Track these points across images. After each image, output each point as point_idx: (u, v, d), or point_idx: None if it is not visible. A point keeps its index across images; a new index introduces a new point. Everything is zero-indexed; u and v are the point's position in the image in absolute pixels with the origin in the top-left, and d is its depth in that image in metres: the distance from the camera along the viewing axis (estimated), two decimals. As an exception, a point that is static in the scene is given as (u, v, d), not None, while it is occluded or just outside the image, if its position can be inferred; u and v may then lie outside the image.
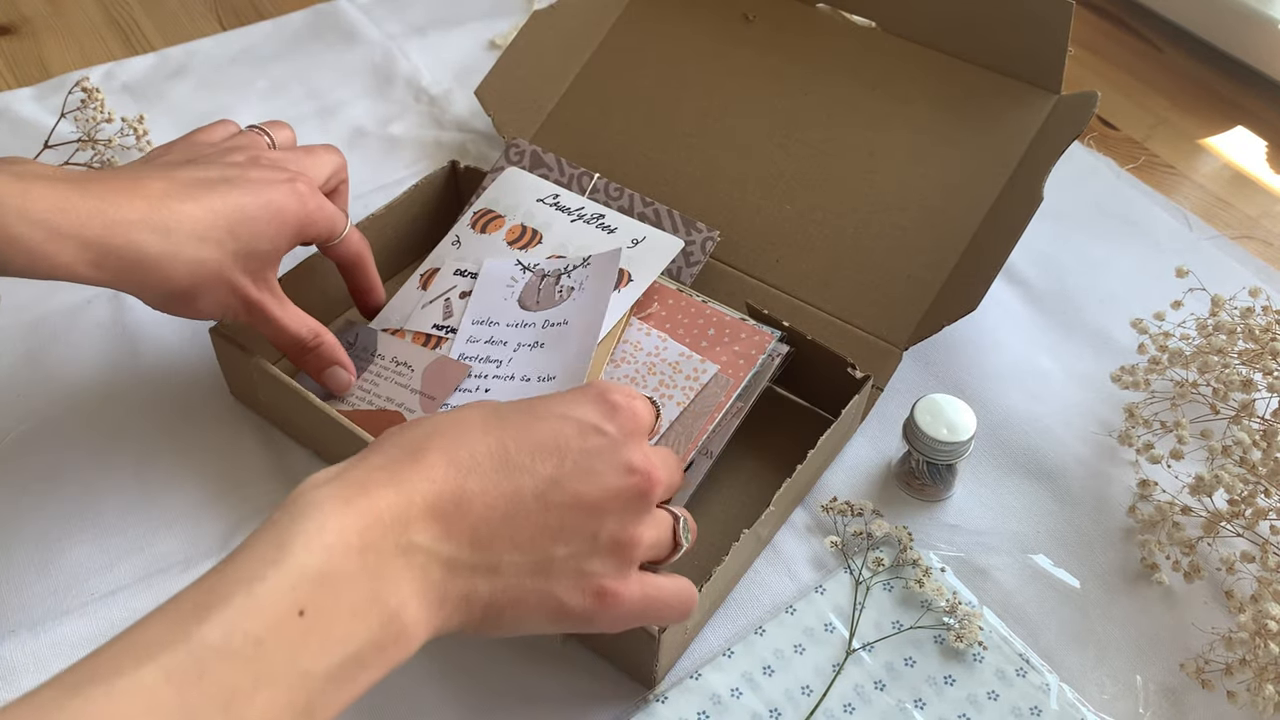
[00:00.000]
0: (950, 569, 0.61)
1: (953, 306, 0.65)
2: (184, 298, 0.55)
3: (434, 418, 0.44)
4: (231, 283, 0.56)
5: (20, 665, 0.55)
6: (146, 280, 0.53)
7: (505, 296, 0.66)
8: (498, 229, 0.71)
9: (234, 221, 0.55)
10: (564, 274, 0.66)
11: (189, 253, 0.54)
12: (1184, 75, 1.00)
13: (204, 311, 0.57)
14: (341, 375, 0.64)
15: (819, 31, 0.81)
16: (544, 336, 0.64)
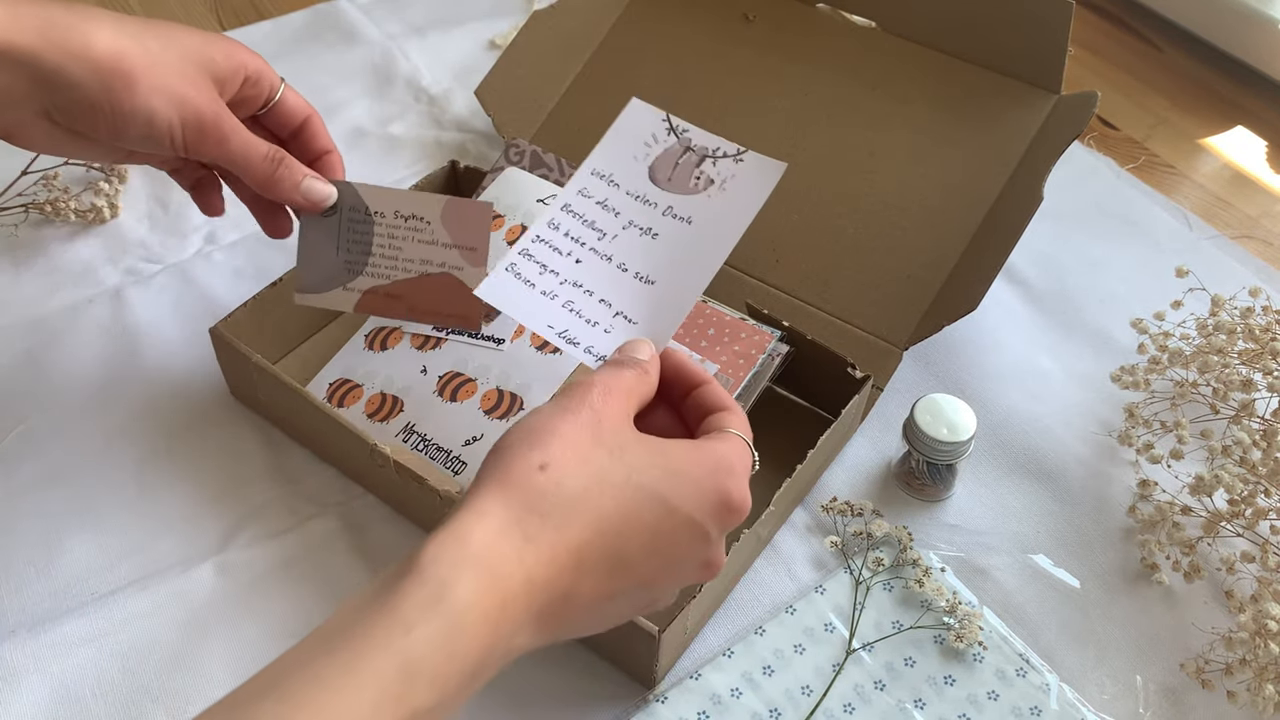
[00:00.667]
0: (950, 569, 0.61)
1: (953, 306, 0.65)
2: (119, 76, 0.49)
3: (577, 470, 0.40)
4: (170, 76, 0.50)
5: (20, 665, 0.55)
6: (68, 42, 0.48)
7: (637, 155, 0.55)
8: (497, 229, 0.71)
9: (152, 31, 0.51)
10: (710, 158, 0.55)
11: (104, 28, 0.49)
12: (1184, 75, 1.00)
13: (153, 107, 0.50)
14: (319, 185, 0.58)
15: (819, 31, 0.81)
16: (662, 226, 0.53)
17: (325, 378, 0.67)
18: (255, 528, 0.62)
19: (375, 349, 0.67)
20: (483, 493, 0.39)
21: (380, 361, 0.66)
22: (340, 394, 0.66)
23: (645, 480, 0.41)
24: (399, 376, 0.65)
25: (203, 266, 0.77)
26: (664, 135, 0.56)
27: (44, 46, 0.47)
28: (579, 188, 0.54)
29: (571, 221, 0.53)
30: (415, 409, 0.63)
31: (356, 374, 0.66)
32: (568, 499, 0.40)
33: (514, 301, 0.51)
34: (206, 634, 0.57)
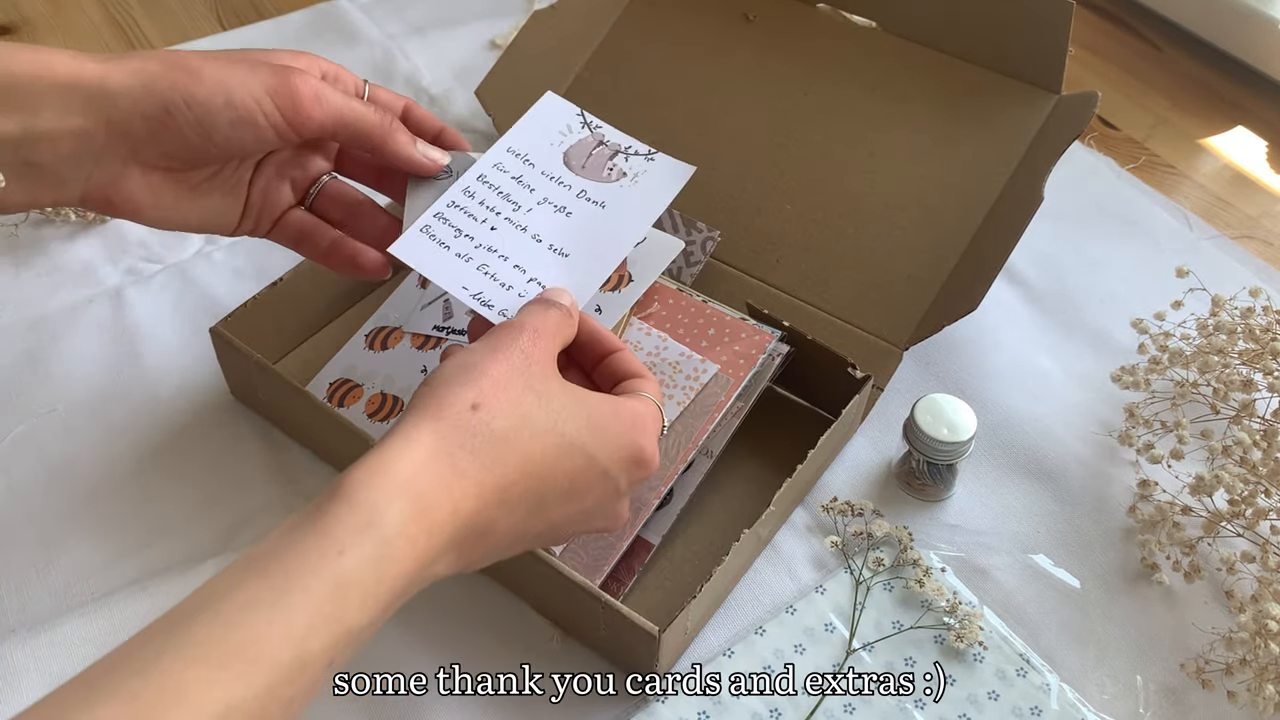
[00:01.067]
0: (950, 569, 0.61)
1: (953, 306, 0.65)
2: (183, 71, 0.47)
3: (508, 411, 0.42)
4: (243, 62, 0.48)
5: (20, 665, 0.55)
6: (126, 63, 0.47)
7: (553, 142, 0.58)
8: None
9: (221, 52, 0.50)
10: (622, 153, 0.58)
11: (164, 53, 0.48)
12: (1184, 75, 1.00)
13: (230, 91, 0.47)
14: (434, 150, 0.55)
15: (819, 31, 0.81)
16: (575, 206, 0.56)
17: (325, 377, 0.67)
18: (255, 528, 0.62)
19: (375, 349, 0.67)
20: (414, 423, 0.41)
21: (380, 361, 0.66)
22: (340, 394, 0.66)
23: (569, 430, 0.44)
24: (399, 376, 0.65)
25: (203, 266, 0.77)
26: (578, 128, 0.58)
27: (107, 70, 0.46)
28: (495, 162, 0.56)
29: (487, 192, 0.55)
30: None
31: (357, 374, 0.66)
32: (497, 438, 0.42)
33: (428, 261, 0.53)
34: (206, 634, 0.57)
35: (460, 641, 0.58)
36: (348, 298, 0.73)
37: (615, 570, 0.58)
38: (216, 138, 0.48)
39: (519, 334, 0.45)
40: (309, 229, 0.56)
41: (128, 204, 0.49)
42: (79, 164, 0.47)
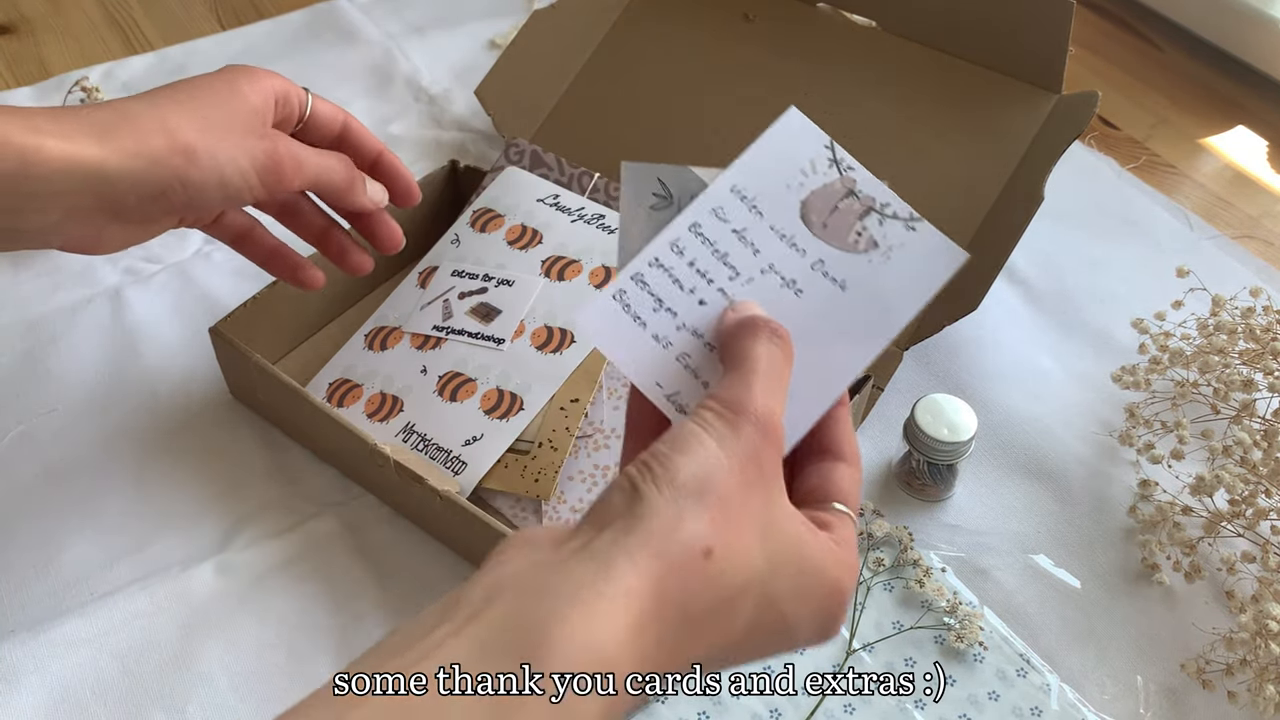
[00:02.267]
0: (950, 569, 0.61)
1: (953, 306, 0.65)
2: (180, 154, 0.48)
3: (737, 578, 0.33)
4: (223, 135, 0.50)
5: (20, 665, 0.55)
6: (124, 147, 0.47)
7: (790, 184, 0.43)
8: (498, 228, 0.71)
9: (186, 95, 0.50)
10: (877, 212, 0.42)
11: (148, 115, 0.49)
12: (1184, 75, 1.00)
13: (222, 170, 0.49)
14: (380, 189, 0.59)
15: (819, 31, 0.81)
16: (808, 283, 0.42)
17: (325, 377, 0.67)
18: (255, 528, 0.62)
19: (375, 349, 0.67)
20: (636, 559, 0.32)
21: (380, 361, 0.66)
22: (340, 394, 0.66)
23: (778, 586, 0.35)
24: (399, 376, 0.65)
25: (202, 266, 0.77)
26: (824, 166, 0.43)
27: (106, 154, 0.47)
28: (714, 205, 0.42)
29: (700, 248, 0.42)
30: (415, 409, 0.63)
31: (356, 374, 0.66)
32: (712, 605, 0.33)
33: (618, 341, 0.40)
34: (206, 634, 0.57)
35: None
36: (347, 298, 0.73)
37: (615, 570, 0.58)
38: (202, 206, 0.51)
39: (754, 430, 0.35)
40: (245, 230, 0.58)
41: (98, 248, 0.51)
42: (62, 227, 0.48)
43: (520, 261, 0.69)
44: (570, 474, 0.60)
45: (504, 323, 0.66)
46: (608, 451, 0.60)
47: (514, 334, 0.65)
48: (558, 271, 0.68)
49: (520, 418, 0.61)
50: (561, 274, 0.68)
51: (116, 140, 0.47)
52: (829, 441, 0.40)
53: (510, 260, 0.69)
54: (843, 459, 0.39)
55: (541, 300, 0.66)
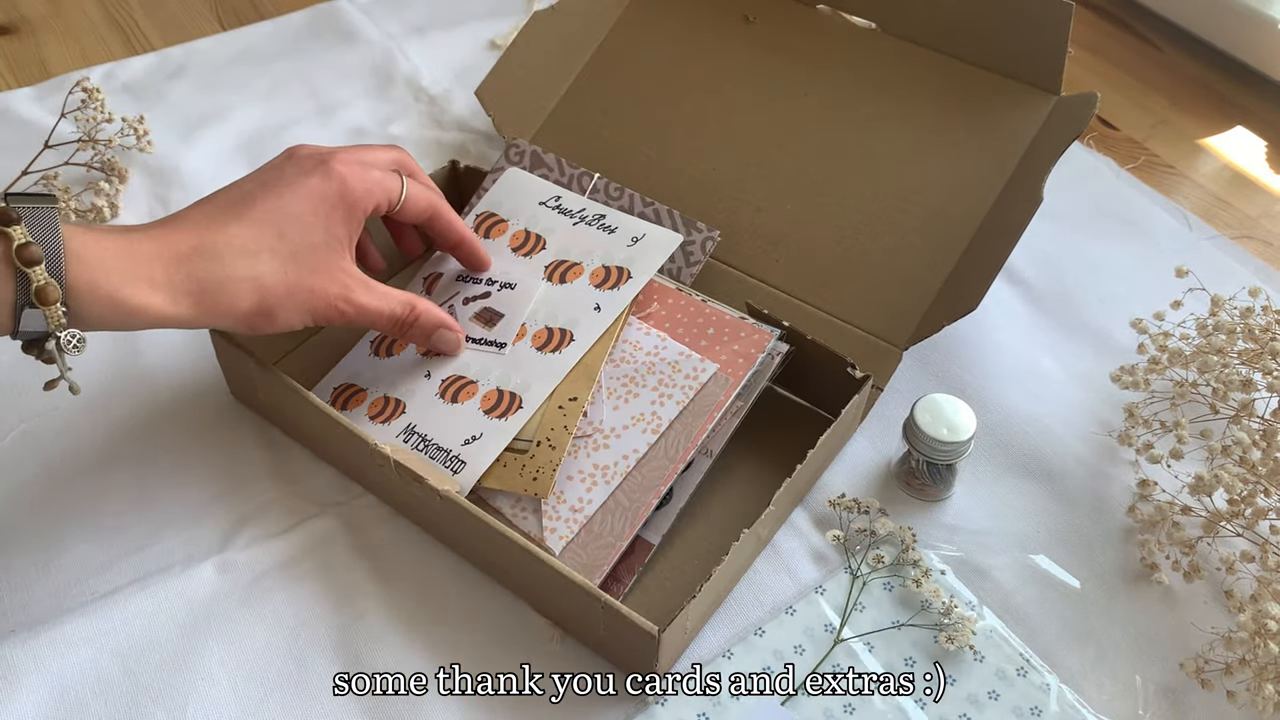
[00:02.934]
0: (951, 570, 0.61)
1: (953, 306, 0.65)
2: (261, 315, 0.55)
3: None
4: (306, 285, 0.55)
5: (20, 664, 0.55)
6: (217, 308, 0.53)
7: None
8: (501, 234, 0.71)
9: (279, 224, 0.55)
10: None
11: (243, 270, 0.53)
12: (1184, 75, 1.00)
13: (290, 322, 0.56)
14: (449, 336, 0.63)
15: (819, 32, 0.81)
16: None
17: (330, 383, 0.67)
18: (255, 528, 0.62)
19: (380, 355, 0.67)
20: None
21: (385, 367, 0.66)
22: (344, 398, 0.66)
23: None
24: (403, 381, 0.65)
25: (203, 266, 0.77)
26: None
27: (201, 316, 0.53)
28: None
29: None
30: (417, 411, 0.63)
31: (361, 379, 0.66)
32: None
33: None
34: (207, 634, 0.57)
35: (460, 641, 0.58)
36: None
37: (615, 570, 0.58)
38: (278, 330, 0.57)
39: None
40: None
41: None
42: None
43: (524, 268, 0.69)
44: (569, 473, 0.60)
45: (506, 326, 0.66)
46: (607, 451, 0.60)
47: (515, 337, 0.65)
48: (559, 275, 0.68)
49: (519, 416, 0.61)
50: (563, 277, 0.68)
51: (208, 303, 0.53)
52: None
53: (514, 267, 0.69)
54: None
55: (543, 302, 0.66)
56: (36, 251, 0.48)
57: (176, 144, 0.87)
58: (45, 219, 0.49)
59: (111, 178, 0.82)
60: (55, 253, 0.48)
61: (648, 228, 0.69)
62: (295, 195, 0.56)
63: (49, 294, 0.48)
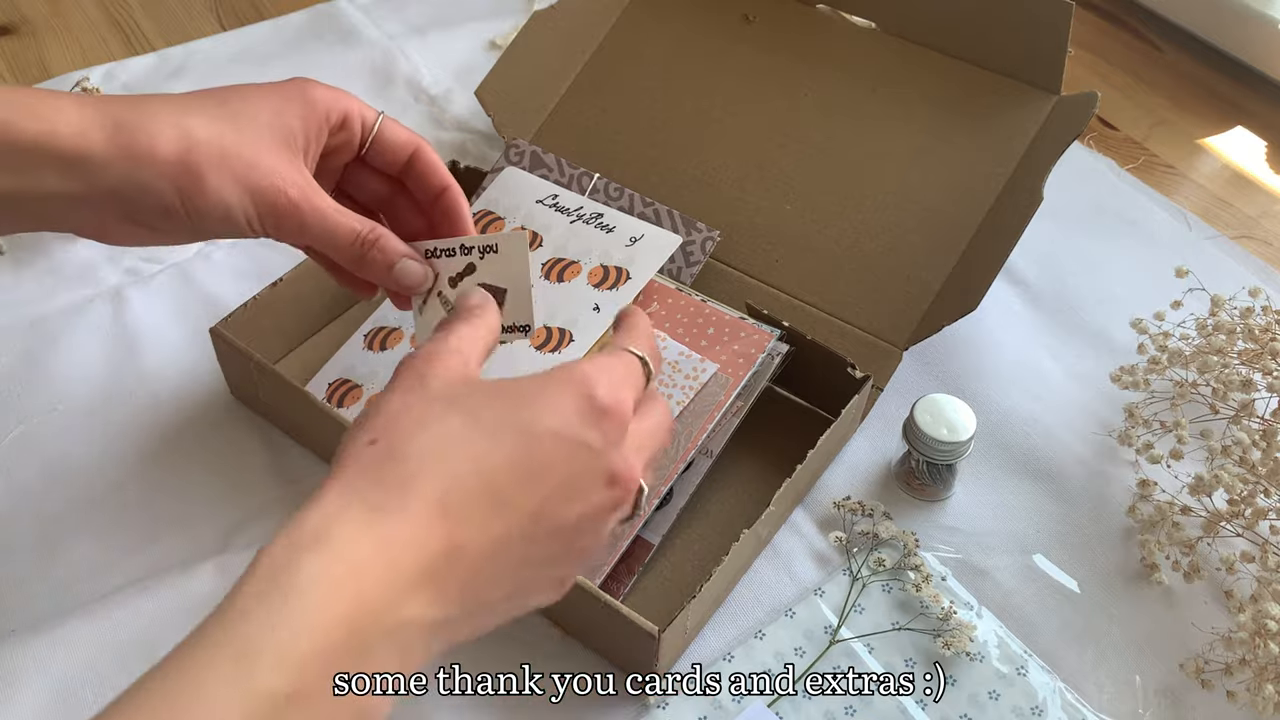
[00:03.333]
0: (950, 571, 0.61)
1: (953, 306, 0.65)
2: (187, 174, 0.46)
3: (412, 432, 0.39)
4: (241, 159, 0.47)
5: (20, 665, 0.55)
6: (134, 146, 0.45)
7: None
8: (498, 231, 0.71)
9: (223, 95, 0.49)
10: None
11: (169, 116, 0.47)
12: (1184, 75, 1.00)
13: (224, 199, 0.47)
14: (413, 267, 0.51)
15: (819, 32, 0.81)
16: None
17: (325, 377, 0.67)
18: (255, 528, 0.62)
19: (375, 349, 0.67)
20: (320, 486, 0.38)
21: (380, 362, 0.66)
22: (340, 394, 0.66)
23: (490, 416, 0.39)
24: None
25: (203, 266, 0.77)
26: None
27: (113, 153, 0.45)
28: None
29: None
30: None
31: (357, 374, 0.66)
32: (411, 459, 0.38)
33: None
34: (206, 634, 0.57)
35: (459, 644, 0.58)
36: (348, 298, 0.73)
37: (615, 570, 0.59)
38: (203, 231, 0.49)
39: (412, 361, 0.42)
40: None
41: (111, 240, 0.49)
42: (68, 214, 0.47)
43: None
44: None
45: None
46: None
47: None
48: (556, 273, 0.68)
49: None
50: (560, 275, 0.68)
51: (126, 135, 0.45)
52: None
53: None
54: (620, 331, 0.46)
55: (540, 302, 0.66)
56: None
57: (176, 144, 0.87)
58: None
59: (111, 178, 0.82)
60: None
61: (646, 228, 0.69)
62: (251, 88, 0.50)
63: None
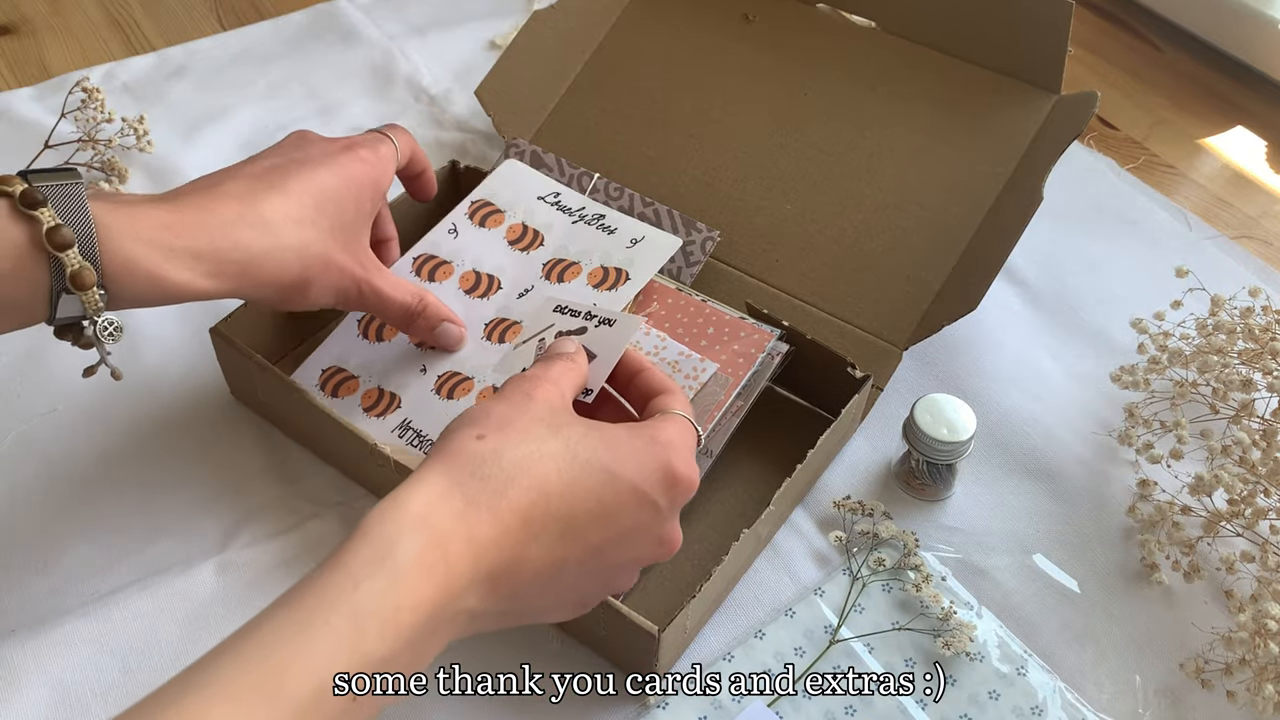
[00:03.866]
0: (950, 571, 0.61)
1: (953, 306, 0.65)
2: (298, 288, 0.54)
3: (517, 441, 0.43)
4: (338, 263, 0.56)
5: (20, 664, 0.55)
6: (261, 278, 0.52)
7: None
8: (498, 224, 0.71)
9: (319, 199, 0.55)
10: None
11: (291, 239, 0.53)
12: (1184, 75, 1.00)
13: (318, 299, 0.56)
14: (453, 330, 0.64)
15: (819, 31, 0.81)
16: None
17: (316, 364, 0.66)
18: (255, 528, 0.62)
19: (370, 338, 0.67)
20: (425, 466, 0.42)
21: (375, 354, 0.66)
22: (334, 383, 0.65)
23: (584, 451, 0.44)
24: (395, 372, 0.65)
25: (203, 266, 0.77)
26: None
27: (238, 287, 0.52)
28: None
29: None
30: (412, 405, 0.63)
31: (350, 364, 0.66)
32: (508, 464, 0.42)
33: None
34: (207, 634, 0.57)
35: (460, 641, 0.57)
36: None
37: (615, 570, 0.58)
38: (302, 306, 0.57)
39: (522, 380, 0.46)
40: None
41: None
42: None
43: (521, 264, 0.69)
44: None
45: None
46: None
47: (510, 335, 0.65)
48: (557, 274, 0.68)
49: None
50: (561, 276, 0.68)
51: (253, 274, 0.52)
52: (647, 387, 0.51)
53: (510, 262, 0.69)
54: (664, 391, 0.50)
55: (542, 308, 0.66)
56: (68, 234, 0.46)
57: (176, 144, 0.87)
58: (72, 197, 0.47)
59: (112, 178, 0.82)
60: (87, 234, 0.46)
61: (647, 230, 0.69)
62: (329, 172, 0.56)
63: (85, 278, 0.47)
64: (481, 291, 0.68)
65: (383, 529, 0.39)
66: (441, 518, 0.40)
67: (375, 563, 0.38)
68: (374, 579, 0.37)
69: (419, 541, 0.39)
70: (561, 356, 0.49)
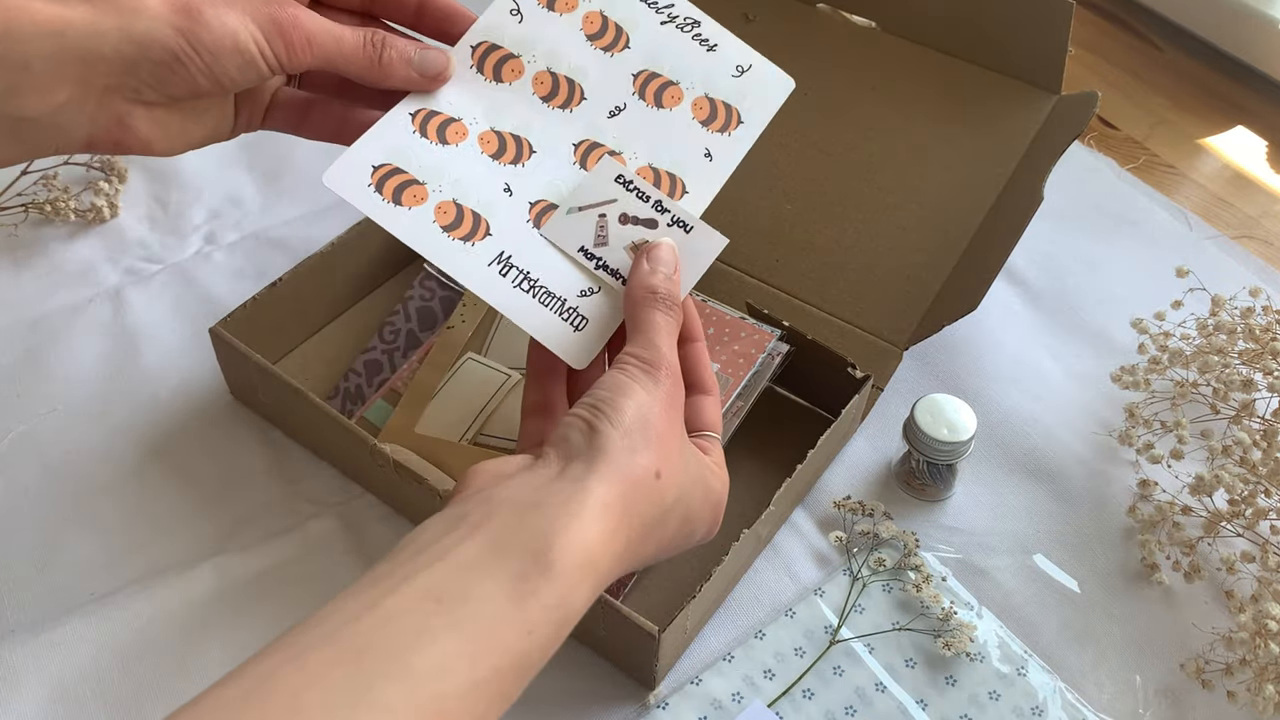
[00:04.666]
0: (951, 571, 0.61)
1: (953, 306, 0.65)
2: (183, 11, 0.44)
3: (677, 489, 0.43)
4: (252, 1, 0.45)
5: (20, 664, 0.55)
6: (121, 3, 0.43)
7: None
8: (570, 9, 0.54)
9: None
10: None
11: None
12: (1184, 75, 1.00)
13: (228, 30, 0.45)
14: (433, 55, 0.50)
15: (819, 31, 0.81)
16: None
17: (365, 156, 0.50)
18: (255, 528, 0.62)
19: (431, 138, 0.51)
20: (607, 482, 0.40)
21: (442, 157, 0.50)
22: (393, 186, 0.50)
23: (692, 504, 0.44)
24: (475, 187, 0.50)
25: (203, 266, 0.77)
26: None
27: (98, 17, 0.43)
28: None
29: None
30: (507, 236, 0.49)
31: (411, 165, 0.50)
32: (659, 516, 0.42)
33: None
34: (206, 634, 0.57)
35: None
36: (348, 298, 0.73)
37: (615, 570, 0.58)
38: (223, 77, 0.46)
39: (678, 384, 0.45)
40: (305, 105, 0.53)
41: (137, 142, 0.47)
42: (79, 110, 0.44)
43: (605, 68, 0.53)
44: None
45: None
46: None
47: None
48: (653, 94, 0.53)
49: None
50: (659, 98, 0.53)
51: (116, 4, 0.43)
52: (694, 378, 0.48)
53: (593, 63, 0.53)
54: (706, 392, 0.48)
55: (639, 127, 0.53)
56: None
57: (176, 144, 0.87)
58: None
59: (111, 177, 0.82)
60: None
61: (754, 58, 0.54)
62: None
63: None
64: (562, 100, 0.53)
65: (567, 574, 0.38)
66: (606, 563, 0.40)
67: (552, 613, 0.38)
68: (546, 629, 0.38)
69: (590, 594, 0.39)
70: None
